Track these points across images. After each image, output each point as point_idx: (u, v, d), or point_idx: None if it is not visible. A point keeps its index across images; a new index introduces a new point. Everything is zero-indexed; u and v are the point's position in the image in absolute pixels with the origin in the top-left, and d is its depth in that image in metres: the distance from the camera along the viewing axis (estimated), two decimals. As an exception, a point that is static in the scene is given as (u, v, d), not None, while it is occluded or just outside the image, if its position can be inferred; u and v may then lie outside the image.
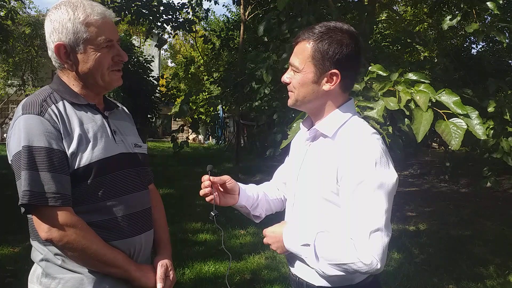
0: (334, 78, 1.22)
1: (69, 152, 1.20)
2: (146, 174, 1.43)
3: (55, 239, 1.16)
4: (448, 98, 1.86)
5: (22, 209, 1.16)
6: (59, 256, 1.22)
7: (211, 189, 1.42)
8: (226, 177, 1.45)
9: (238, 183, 1.50)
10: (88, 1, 1.27)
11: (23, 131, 1.16)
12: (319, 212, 1.25)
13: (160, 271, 1.36)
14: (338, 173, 1.18)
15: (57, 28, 1.22)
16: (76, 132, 1.22)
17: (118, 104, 1.48)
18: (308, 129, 1.34)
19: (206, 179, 1.42)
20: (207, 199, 1.43)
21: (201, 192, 1.42)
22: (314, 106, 1.28)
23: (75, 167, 1.20)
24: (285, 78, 1.29)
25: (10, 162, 1.21)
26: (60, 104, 1.23)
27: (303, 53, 1.23)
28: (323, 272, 1.19)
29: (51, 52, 1.26)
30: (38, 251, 1.26)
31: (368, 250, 1.11)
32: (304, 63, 1.23)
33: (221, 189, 1.47)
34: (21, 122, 1.17)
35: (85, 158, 1.21)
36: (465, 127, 1.77)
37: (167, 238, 1.50)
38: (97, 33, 1.23)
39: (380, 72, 2.10)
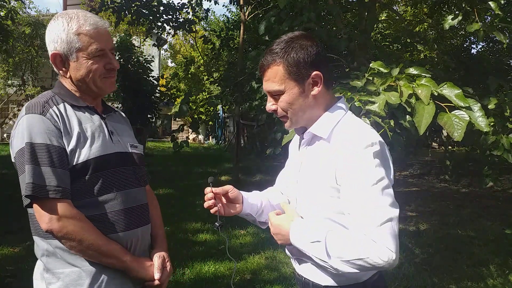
0: (318, 79, 1.23)
1: (68, 149, 1.28)
2: (142, 173, 1.49)
3: (55, 229, 1.23)
4: (450, 91, 1.85)
5: (27, 201, 1.23)
6: (59, 249, 1.28)
7: (215, 200, 1.44)
8: (228, 187, 1.47)
9: (241, 191, 1.50)
10: (84, 12, 1.37)
11: (26, 129, 1.24)
12: (322, 214, 1.24)
13: (157, 262, 1.41)
14: (337, 173, 1.18)
15: (53, 38, 1.32)
16: (76, 130, 1.30)
17: (116, 109, 1.59)
18: (302, 133, 1.34)
19: (208, 191, 1.44)
20: (212, 211, 1.45)
21: (205, 205, 1.45)
22: (310, 115, 1.28)
23: (74, 163, 1.28)
24: (270, 106, 1.30)
25: (13, 159, 1.29)
26: (61, 106, 1.32)
27: (277, 75, 1.23)
28: (334, 269, 1.15)
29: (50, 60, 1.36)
30: (39, 246, 1.33)
31: (382, 243, 1.09)
32: (283, 83, 1.23)
33: (224, 200, 1.48)
34: (24, 121, 1.26)
35: (83, 154, 1.29)
36: (467, 118, 1.76)
37: (162, 234, 1.56)
38: (88, 43, 1.32)
39: (381, 69, 2.10)
